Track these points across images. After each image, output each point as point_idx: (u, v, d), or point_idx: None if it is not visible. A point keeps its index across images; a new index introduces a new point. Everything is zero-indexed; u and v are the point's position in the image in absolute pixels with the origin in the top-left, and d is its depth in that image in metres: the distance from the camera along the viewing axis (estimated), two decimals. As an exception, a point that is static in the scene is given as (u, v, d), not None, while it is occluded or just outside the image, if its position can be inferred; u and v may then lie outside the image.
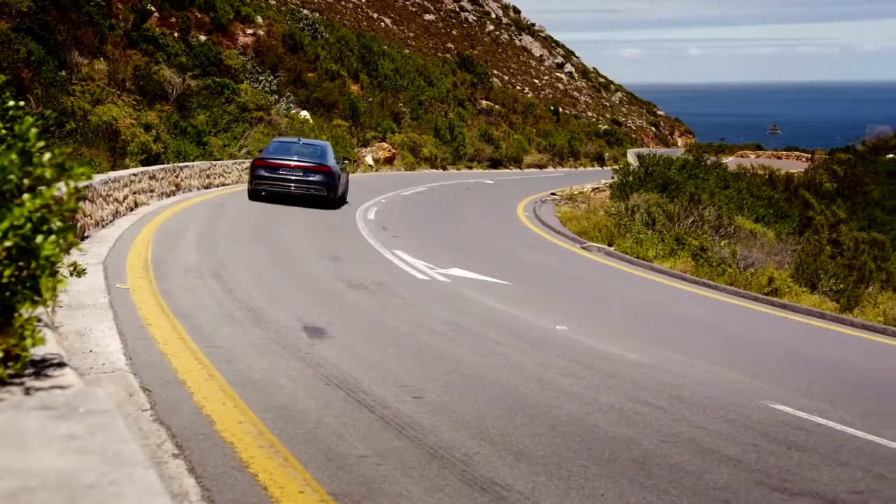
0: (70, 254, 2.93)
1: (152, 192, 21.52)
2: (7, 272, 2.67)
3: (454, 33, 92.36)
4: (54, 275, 2.79)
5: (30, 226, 2.66)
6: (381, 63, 55.35)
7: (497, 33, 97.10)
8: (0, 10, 26.91)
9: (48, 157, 2.75)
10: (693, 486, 6.25)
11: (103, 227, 16.21)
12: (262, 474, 5.57)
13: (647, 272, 18.83)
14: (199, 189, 25.72)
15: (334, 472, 5.78)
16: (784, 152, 71.83)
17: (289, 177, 22.81)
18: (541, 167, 57.39)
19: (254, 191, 23.12)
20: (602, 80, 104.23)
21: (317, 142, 26.66)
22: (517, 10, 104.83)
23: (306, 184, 22.85)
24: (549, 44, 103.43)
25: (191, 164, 26.22)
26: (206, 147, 30.26)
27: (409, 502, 5.48)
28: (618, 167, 32.74)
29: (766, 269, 18.75)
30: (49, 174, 2.73)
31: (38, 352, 2.90)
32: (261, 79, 42.56)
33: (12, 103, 3.34)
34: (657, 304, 15.44)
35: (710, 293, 17.03)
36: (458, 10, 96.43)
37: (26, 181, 2.72)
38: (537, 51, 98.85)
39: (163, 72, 32.75)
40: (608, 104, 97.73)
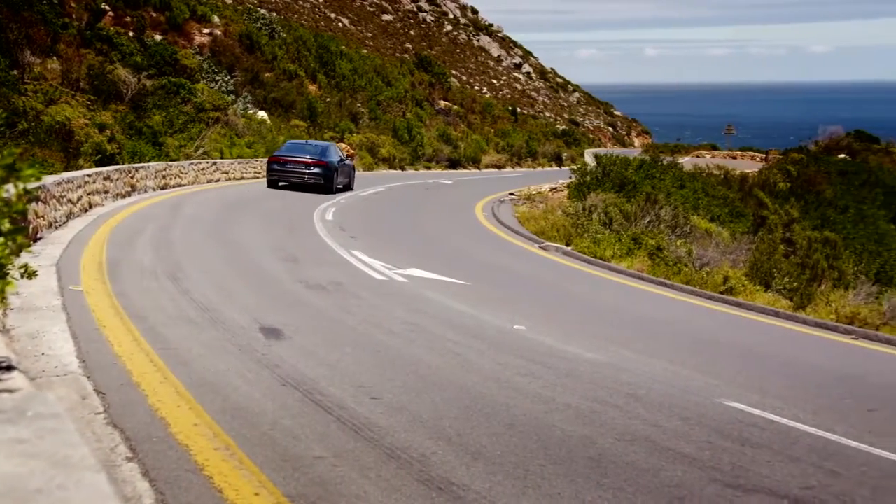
0: (21, 256, 2.89)
1: (107, 193, 21.30)
2: (-46, 275, 2.63)
3: (412, 33, 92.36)
4: (4, 277, 2.76)
5: (-23, 228, 2.62)
6: (339, 63, 55.21)
7: (455, 33, 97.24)
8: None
9: (-4, 158, 2.71)
10: (648, 483, 6.31)
11: (57, 228, 16.02)
12: (218, 476, 5.54)
13: (604, 272, 18.94)
14: (154, 190, 25.53)
15: (290, 474, 5.77)
16: (739, 152, 72.57)
17: (295, 170, 28.92)
18: (499, 167, 57.54)
19: (271, 181, 29.36)
20: (560, 80, 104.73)
21: (322, 143, 32.24)
22: (475, 11, 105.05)
23: (308, 175, 28.83)
24: (507, 44, 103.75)
25: (146, 164, 26.02)
26: (161, 147, 30.01)
27: (366, 503, 5.48)
28: (575, 167, 32.89)
29: (722, 267, 18.95)
30: (-3, 175, 2.70)
31: (-14, 355, 2.87)
32: (217, 79, 42.25)
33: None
34: (614, 303, 15.54)
35: (666, 292, 17.17)
36: (416, 10, 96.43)
37: (-27, 183, 2.69)
38: (495, 51, 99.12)
39: (117, 71, 32.41)
40: (566, 104, 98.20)
